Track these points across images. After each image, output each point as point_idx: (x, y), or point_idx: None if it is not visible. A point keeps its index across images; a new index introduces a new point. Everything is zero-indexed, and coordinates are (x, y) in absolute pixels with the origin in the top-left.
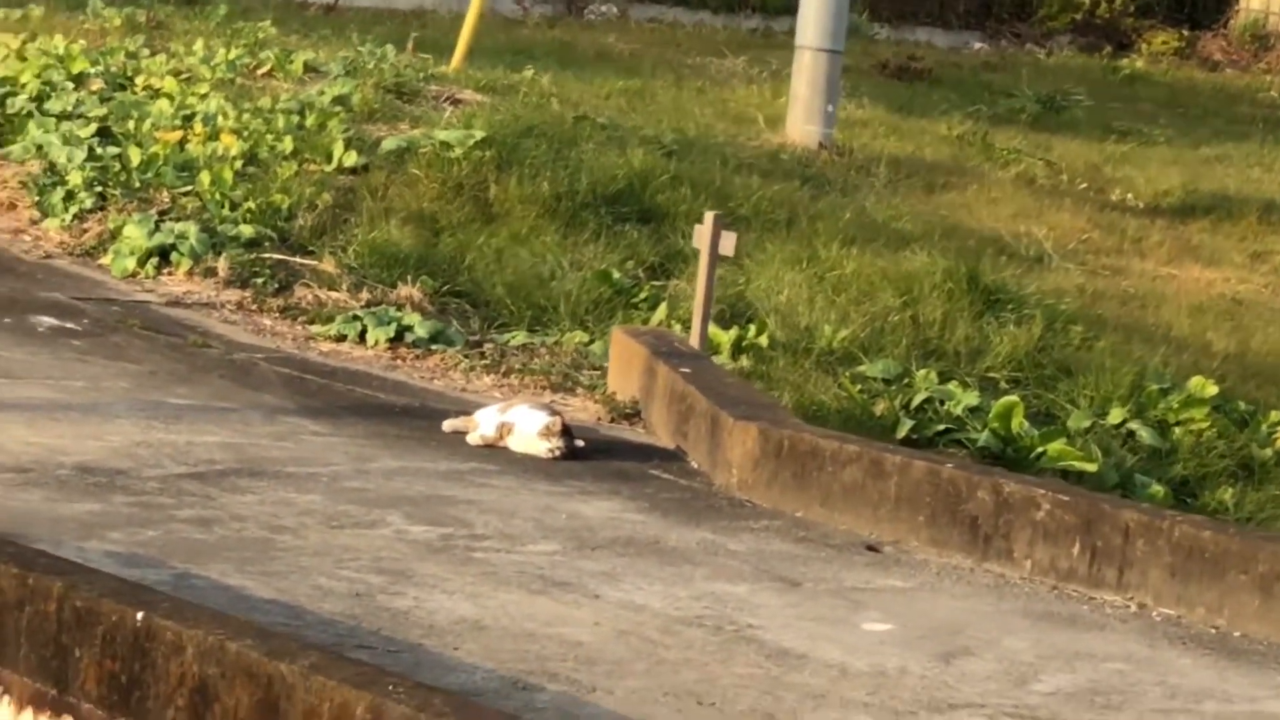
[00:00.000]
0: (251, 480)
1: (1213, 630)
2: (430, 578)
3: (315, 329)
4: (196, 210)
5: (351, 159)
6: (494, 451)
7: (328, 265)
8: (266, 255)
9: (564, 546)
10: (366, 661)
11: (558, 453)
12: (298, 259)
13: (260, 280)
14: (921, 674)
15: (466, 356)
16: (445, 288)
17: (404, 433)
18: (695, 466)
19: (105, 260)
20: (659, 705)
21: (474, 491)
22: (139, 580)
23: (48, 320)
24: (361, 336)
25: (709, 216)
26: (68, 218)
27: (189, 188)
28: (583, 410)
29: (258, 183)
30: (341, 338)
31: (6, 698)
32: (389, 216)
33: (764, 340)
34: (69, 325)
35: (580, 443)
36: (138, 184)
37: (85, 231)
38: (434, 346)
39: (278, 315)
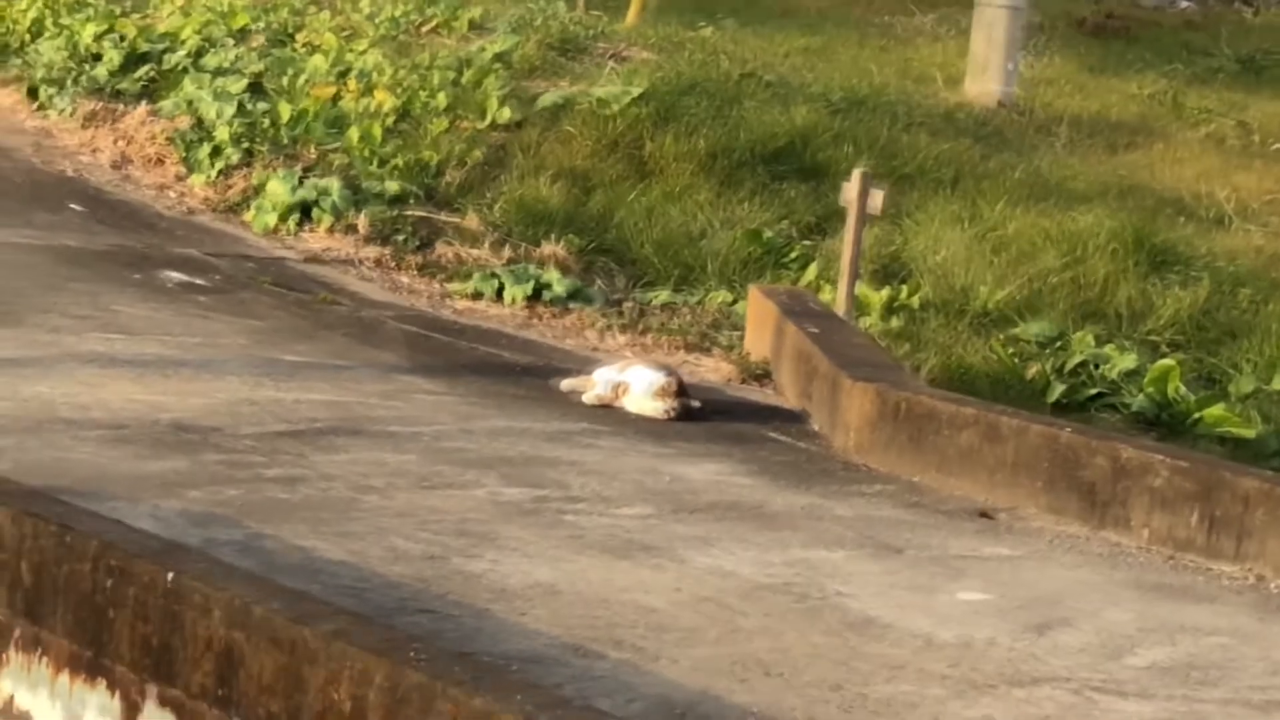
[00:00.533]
0: (350, 439)
1: None
2: (513, 540)
3: (453, 286)
4: (341, 167)
5: (506, 115)
6: (608, 412)
7: (471, 222)
8: (409, 212)
9: (660, 510)
10: (396, 628)
11: (672, 413)
12: (441, 216)
13: (401, 237)
14: (1010, 646)
15: (604, 315)
16: (591, 246)
17: (521, 392)
18: (816, 429)
19: (247, 216)
20: (722, 675)
21: (578, 453)
22: (208, 539)
23: (177, 276)
24: (499, 294)
25: (856, 174)
26: (213, 173)
27: (337, 144)
28: (714, 371)
29: (408, 139)
30: (478, 295)
31: (45, 658)
32: (539, 173)
33: (916, 301)
34: (198, 281)
35: (697, 403)
36: (285, 140)
37: (230, 187)
38: (571, 305)
39: (416, 272)
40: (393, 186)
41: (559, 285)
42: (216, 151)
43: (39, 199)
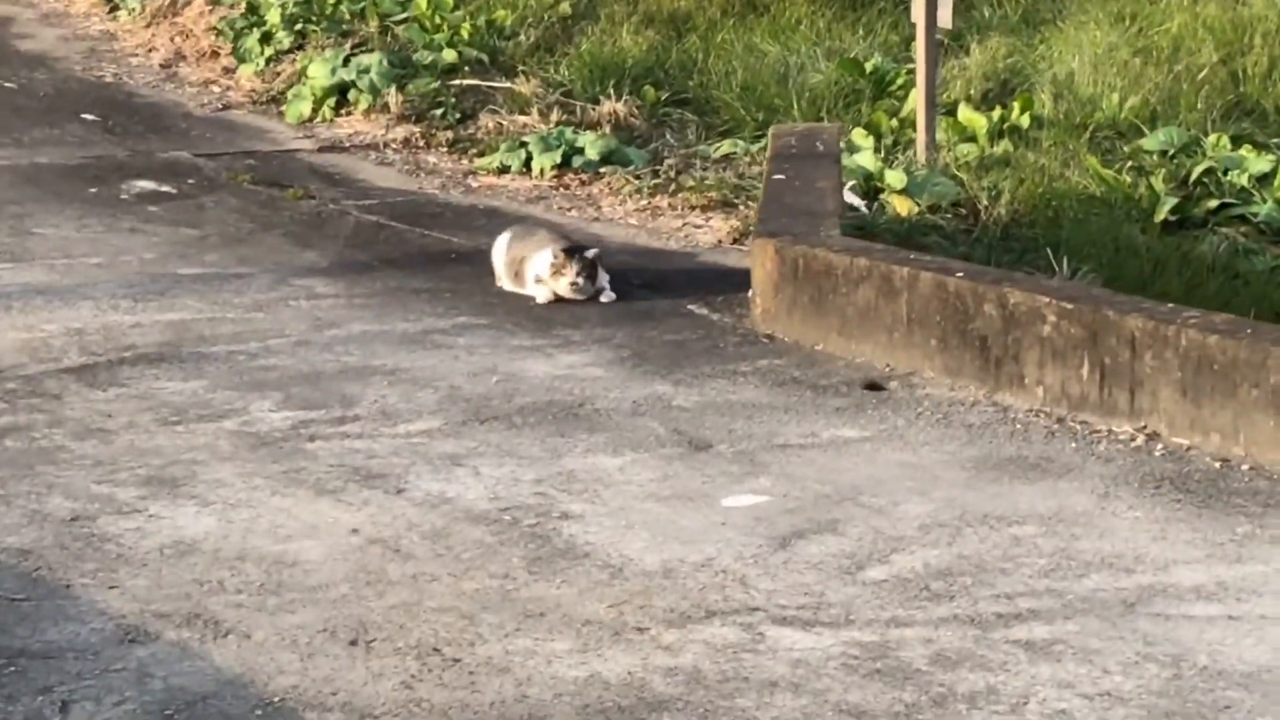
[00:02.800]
0: (149, 368)
1: (1218, 465)
2: (207, 485)
3: (479, 162)
4: (396, 41)
5: None
6: (511, 301)
7: (523, 86)
8: (459, 82)
9: (449, 423)
10: None
11: (578, 291)
12: (493, 83)
13: (440, 111)
14: (727, 567)
15: (637, 178)
16: (668, 97)
17: (436, 286)
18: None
19: (285, 107)
20: (291, 650)
21: (417, 357)
22: None
23: (143, 185)
24: (527, 165)
25: None
26: (261, 62)
27: (405, 14)
28: (712, 232)
29: (483, 1)
30: (504, 169)
31: None
32: (631, 20)
33: (1025, 120)
34: (165, 189)
35: (606, 280)
36: (346, 16)
37: (277, 76)
38: (604, 169)
39: (445, 150)
40: (449, 55)
41: (591, 149)
42: (267, 38)
43: (53, 111)
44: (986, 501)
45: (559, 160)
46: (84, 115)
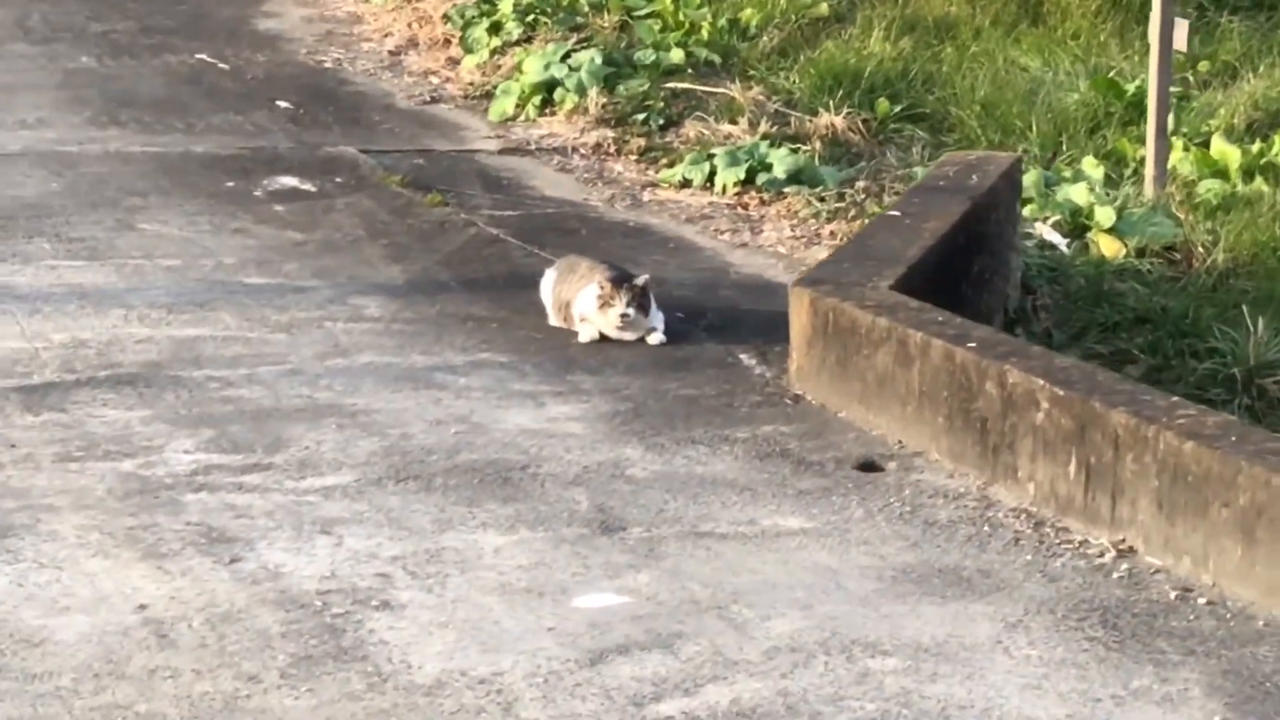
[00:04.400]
0: (106, 393)
1: (1175, 595)
2: (34, 539)
3: (662, 174)
4: (619, 38)
5: None
6: (548, 339)
7: (737, 93)
8: (673, 85)
9: (362, 479)
10: None
11: (629, 327)
12: (708, 88)
13: (643, 116)
14: (506, 687)
15: (821, 200)
16: (903, 110)
17: (496, 314)
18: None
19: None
20: None
21: (401, 397)
22: None
23: (283, 182)
24: (710, 180)
25: (1157, 4)
26: (486, 54)
27: (649, 8)
28: None
29: None
30: (686, 183)
31: None
32: (890, 26)
33: None
34: (304, 187)
35: (660, 320)
36: (585, 7)
37: (498, 69)
38: (789, 188)
39: (635, 158)
40: (675, 55)
41: (779, 166)
42: (496, 28)
43: (250, 96)
44: (870, 624)
45: (743, 176)
46: (278, 102)
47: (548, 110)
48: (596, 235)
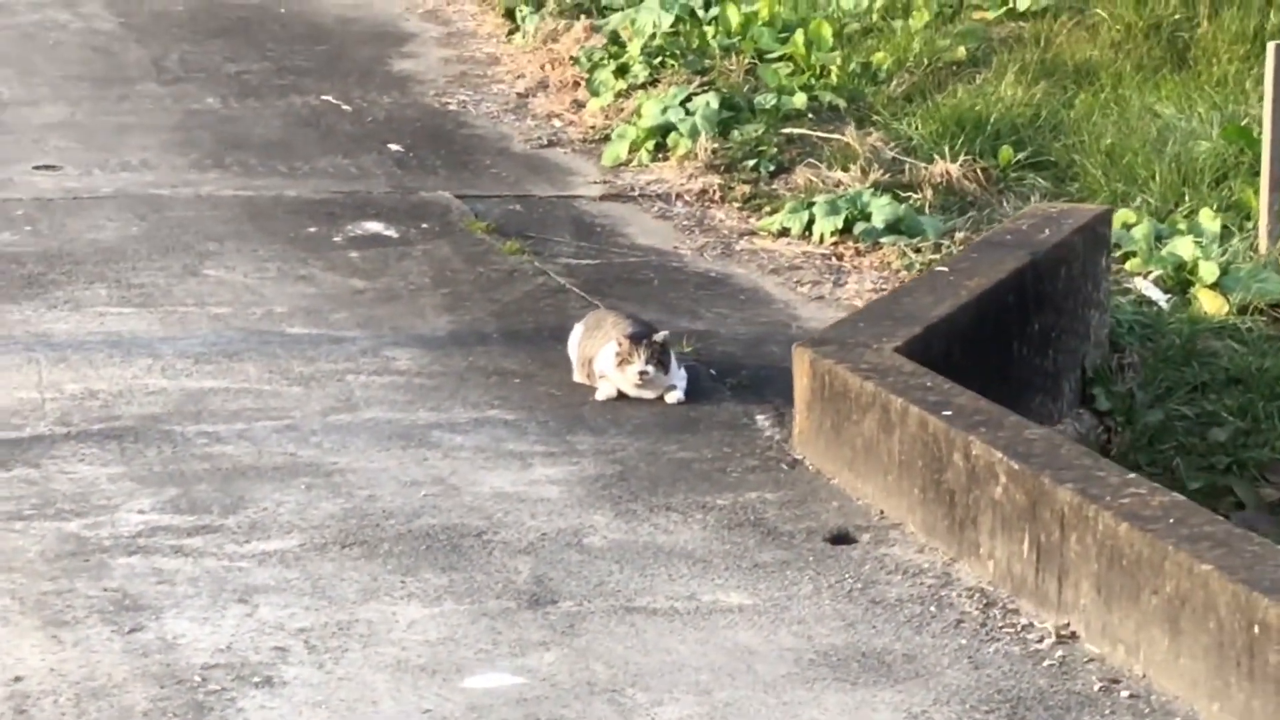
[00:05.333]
0: (89, 448)
1: (1100, 687)
2: None
3: (761, 222)
4: (744, 81)
5: (1027, 2)
6: (576, 398)
7: (852, 139)
8: (789, 130)
9: (306, 544)
10: None
11: (649, 385)
12: (824, 133)
13: (753, 162)
14: None
15: (917, 251)
16: (1025, 159)
17: (526, 369)
18: None
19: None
20: None
21: (386, 456)
22: None
23: (367, 227)
24: (809, 228)
25: (1272, 46)
26: (610, 97)
27: (781, 51)
28: None
29: (869, 41)
30: (784, 231)
31: None
32: (1024, 71)
33: None
34: (387, 233)
35: (682, 378)
36: (716, 50)
37: (620, 112)
38: (886, 239)
39: (738, 206)
40: (798, 100)
41: (878, 215)
42: (623, 70)
43: (364, 139)
44: (766, 711)
45: (840, 225)
46: (390, 145)
47: (661, 155)
48: (669, 286)
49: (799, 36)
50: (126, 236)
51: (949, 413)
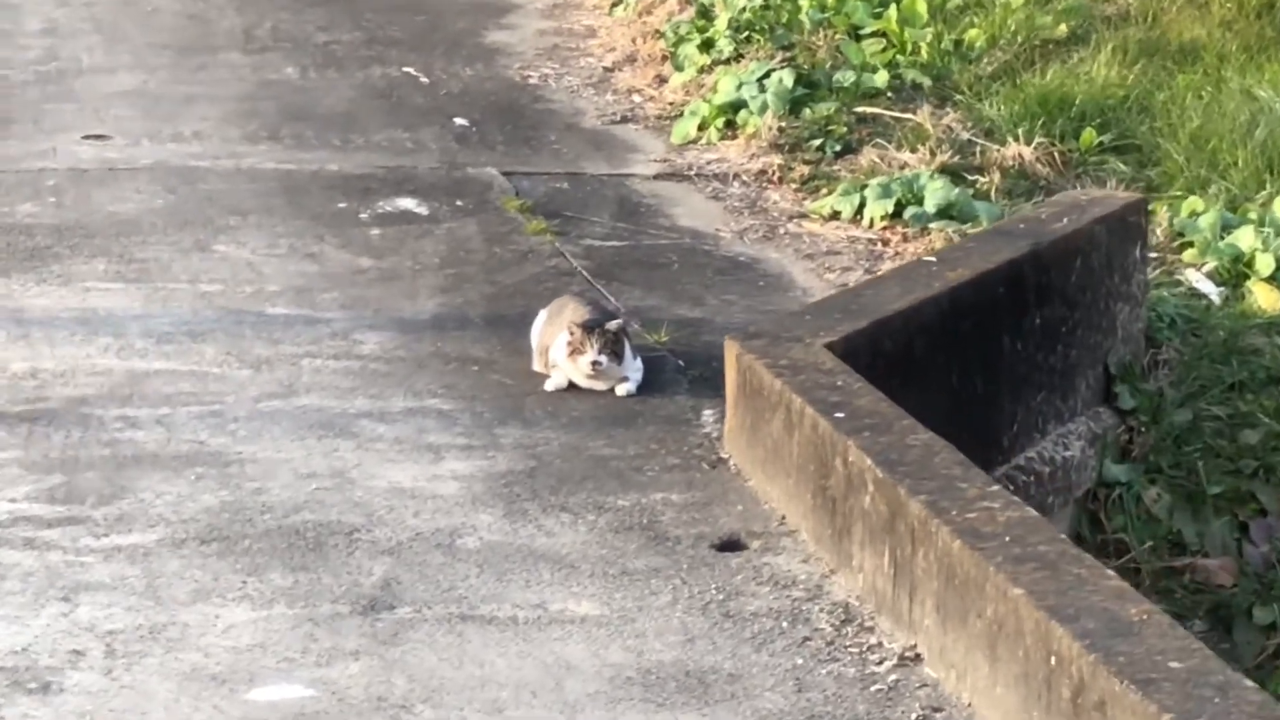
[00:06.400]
0: None
1: (920, 715)
2: None
3: (812, 205)
4: (827, 58)
5: None
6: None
7: (924, 119)
8: (862, 109)
9: (170, 539)
10: None
11: (601, 376)
12: (897, 113)
13: (818, 142)
14: None
15: (964, 236)
16: (1109, 142)
17: (493, 356)
18: None
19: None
20: None
21: (303, 446)
22: None
23: (398, 204)
24: (859, 211)
25: None
26: (693, 72)
27: (875, 25)
28: None
29: (965, 17)
30: (835, 215)
31: None
32: (1123, 50)
33: None
34: (418, 210)
35: (637, 371)
36: (806, 25)
37: (701, 88)
38: (935, 224)
39: (795, 187)
40: (879, 78)
41: (930, 199)
42: (708, 45)
43: (432, 112)
44: None
45: (891, 209)
46: (456, 119)
47: (730, 133)
48: (687, 271)
49: (892, 12)
50: (148, 209)
51: (841, 415)
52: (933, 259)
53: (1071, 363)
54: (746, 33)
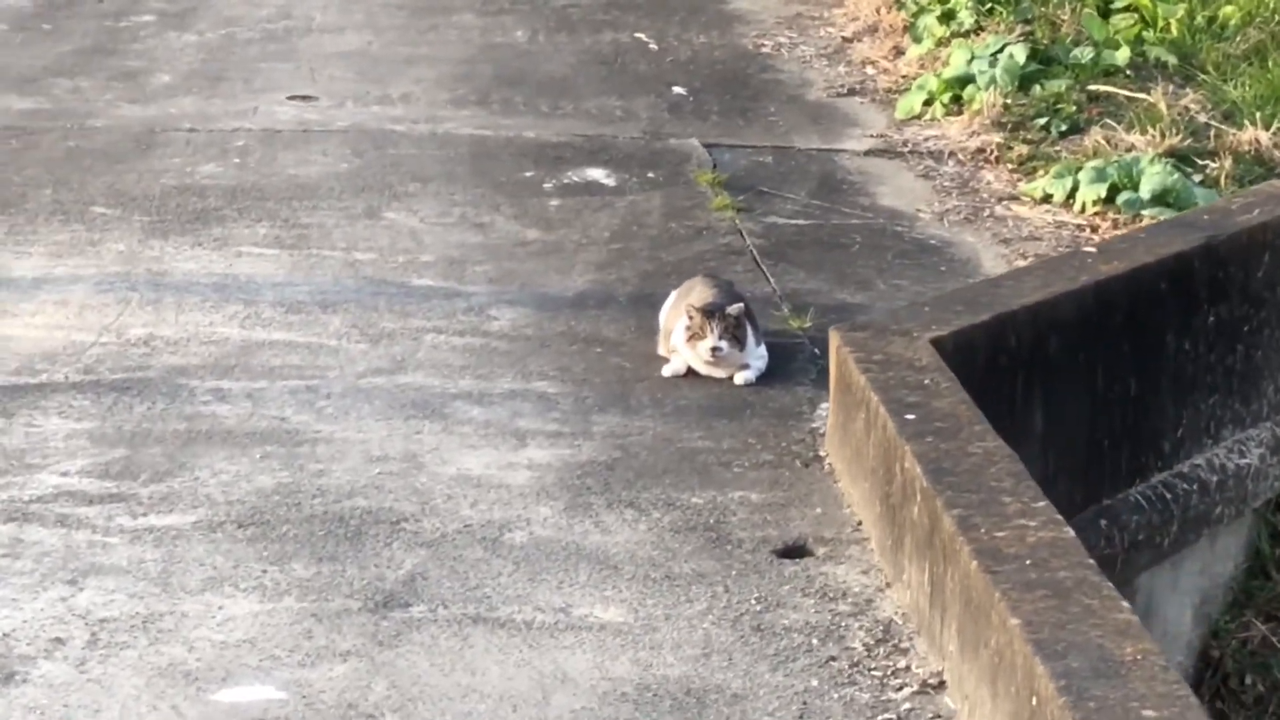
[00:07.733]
0: (67, 397)
1: None
2: None
3: (1024, 187)
4: (1063, 34)
5: None
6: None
7: (1159, 99)
8: (1095, 87)
9: (212, 520)
10: None
11: (721, 363)
12: (1131, 92)
13: (1044, 120)
14: None
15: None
16: None
17: (622, 338)
18: None
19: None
20: None
21: (388, 426)
22: None
23: (586, 175)
24: (1072, 195)
25: None
26: (931, 44)
27: (1126, 0)
28: None
29: None
30: (1047, 198)
31: None
32: None
33: None
34: (605, 182)
35: (760, 358)
36: None
37: (936, 61)
38: (1150, 210)
39: (1011, 168)
40: (1121, 54)
41: (1147, 184)
42: (949, 16)
43: (651, 80)
44: None
45: (1103, 194)
46: (675, 88)
47: (956, 109)
48: (867, 252)
49: None
50: (330, 173)
51: (911, 416)
52: (1092, 249)
53: (1255, 364)
54: (989, 4)
